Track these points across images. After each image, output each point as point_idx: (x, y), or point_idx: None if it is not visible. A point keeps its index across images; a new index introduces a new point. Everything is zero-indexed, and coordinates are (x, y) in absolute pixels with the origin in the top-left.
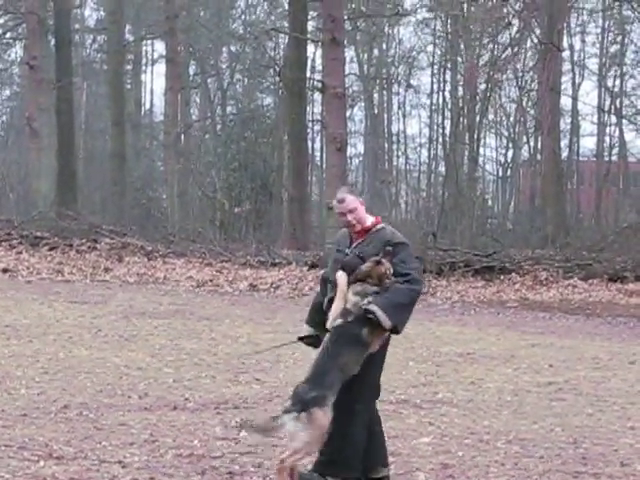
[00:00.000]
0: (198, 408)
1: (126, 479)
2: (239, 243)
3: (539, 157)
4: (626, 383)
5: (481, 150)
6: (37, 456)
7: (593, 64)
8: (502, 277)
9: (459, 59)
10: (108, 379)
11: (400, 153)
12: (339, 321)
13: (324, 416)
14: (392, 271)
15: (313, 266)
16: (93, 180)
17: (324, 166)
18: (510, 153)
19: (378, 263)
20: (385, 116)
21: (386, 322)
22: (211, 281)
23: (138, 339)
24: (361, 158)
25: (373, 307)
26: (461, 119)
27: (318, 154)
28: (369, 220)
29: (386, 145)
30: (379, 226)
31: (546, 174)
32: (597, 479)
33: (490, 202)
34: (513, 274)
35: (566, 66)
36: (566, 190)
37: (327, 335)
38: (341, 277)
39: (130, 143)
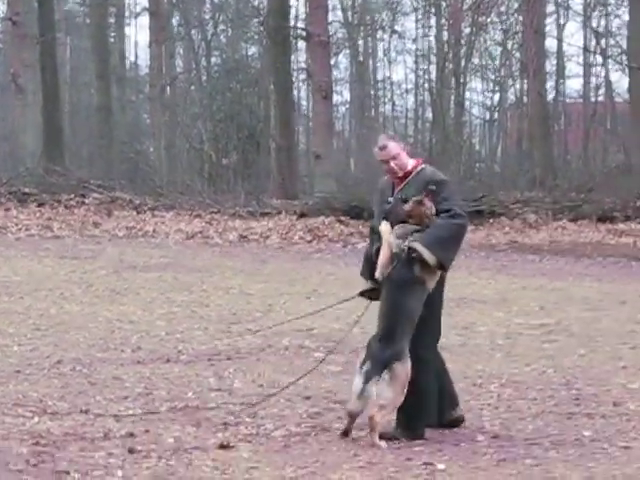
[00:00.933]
0: (191, 360)
1: (121, 433)
2: (228, 194)
3: (525, 100)
4: (617, 323)
5: (467, 94)
6: (31, 412)
7: (577, 5)
8: (491, 221)
9: (443, 3)
10: (100, 334)
11: (386, 100)
12: (389, 269)
13: (404, 369)
14: (434, 210)
15: (302, 215)
16: (79, 135)
17: (310, 115)
18: (496, 96)
19: (419, 203)
20: (370, 63)
21: (430, 258)
22: (201, 233)
23: (129, 293)
24: (347, 106)
25: (415, 244)
26: (446, 64)
27: (304, 103)
28: (410, 164)
29: (372, 92)
30: (419, 168)
31: (533, 117)
32: (590, 419)
33: (477, 146)
34: (502, 217)
35: (550, 7)
36: (553, 132)
37: (384, 286)
38: (385, 227)
39: (115, 96)
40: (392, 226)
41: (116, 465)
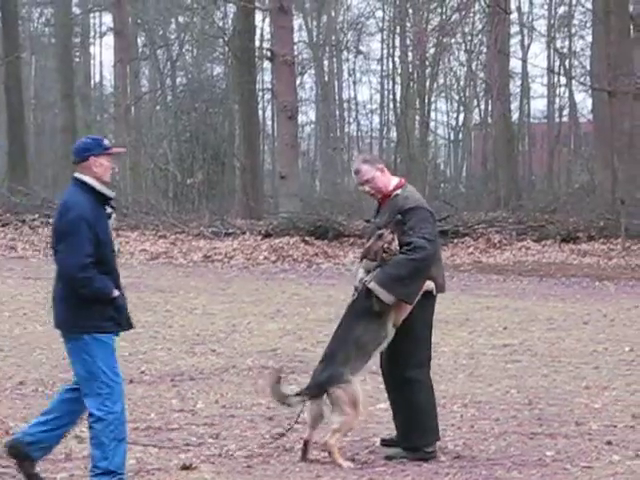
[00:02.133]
0: (154, 381)
1: (83, 454)
2: (192, 214)
3: (490, 120)
4: (580, 343)
5: (432, 114)
6: None
7: (542, 26)
8: (456, 241)
9: (408, 24)
10: (63, 354)
11: (351, 120)
12: (350, 298)
13: (345, 392)
14: (396, 243)
15: (267, 235)
16: (44, 155)
17: (276, 135)
18: (461, 117)
19: (378, 237)
20: (336, 83)
21: (387, 297)
22: (165, 253)
23: None
24: (313, 126)
25: (371, 284)
26: (411, 84)
27: (269, 123)
28: (391, 185)
29: (337, 112)
30: (394, 193)
31: (497, 137)
32: (553, 439)
33: (442, 166)
34: (467, 237)
35: (514, 28)
36: (518, 152)
37: (344, 312)
38: (357, 264)
39: (80, 116)
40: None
41: None
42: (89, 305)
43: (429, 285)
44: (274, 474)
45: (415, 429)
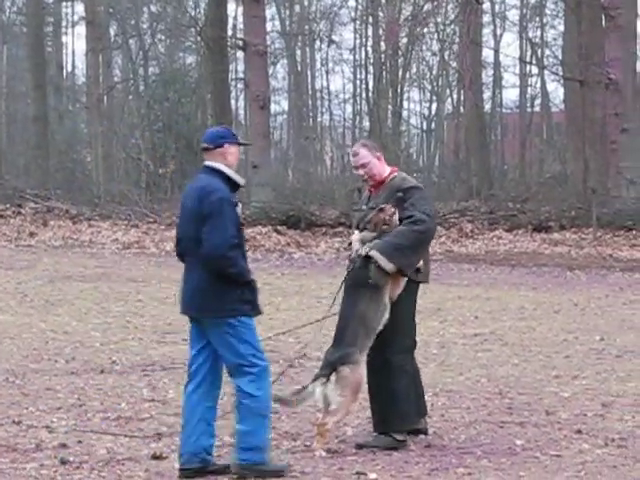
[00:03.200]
0: (125, 371)
1: (53, 444)
2: (165, 204)
3: (462, 110)
4: (551, 332)
5: (405, 104)
6: None
7: (514, 15)
8: None
9: (380, 14)
10: (34, 344)
11: (324, 109)
12: (346, 273)
13: (352, 373)
14: (396, 217)
15: None
16: (16, 144)
17: (248, 124)
18: (434, 106)
19: (380, 210)
20: (308, 73)
21: (387, 264)
22: (137, 243)
23: (64, 303)
24: (285, 115)
25: (372, 252)
26: (384, 74)
27: (242, 112)
28: (385, 172)
29: (310, 102)
30: (391, 176)
31: (469, 127)
32: (523, 428)
33: (415, 156)
34: (439, 227)
35: (487, 18)
36: (490, 142)
37: (343, 290)
38: (355, 236)
39: (52, 106)
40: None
41: (48, 476)
42: (232, 289)
43: (419, 263)
44: None
45: (392, 415)
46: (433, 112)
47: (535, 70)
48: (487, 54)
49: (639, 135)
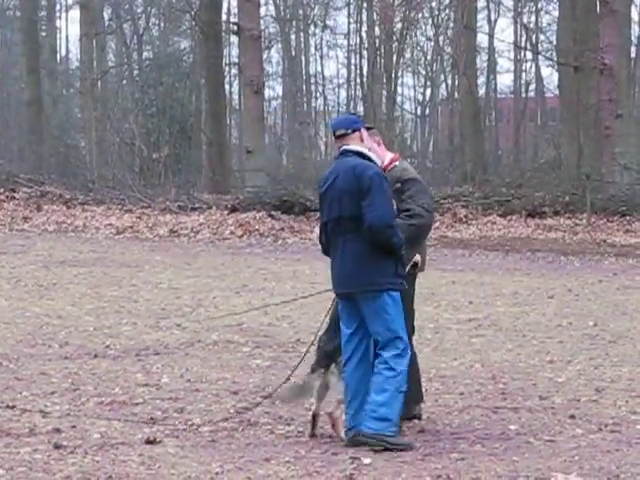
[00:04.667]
0: (119, 355)
1: (47, 428)
2: (159, 189)
3: (457, 95)
4: (545, 317)
5: (399, 89)
6: None
7: (508, 0)
8: None
9: None
10: (28, 329)
11: (318, 94)
12: None
13: None
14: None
15: (233, 210)
16: (10, 129)
17: (242, 109)
18: (428, 91)
19: None
20: (302, 57)
21: None
22: (131, 228)
23: (58, 288)
24: (279, 100)
25: None
26: (378, 59)
27: (236, 97)
28: (386, 158)
29: (304, 87)
30: (391, 165)
31: (463, 112)
32: (516, 413)
33: (409, 141)
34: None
35: (481, 3)
36: (484, 128)
37: None
38: None
39: (46, 90)
40: None
41: (42, 461)
42: (389, 264)
43: (416, 258)
44: (238, 448)
45: None
46: (427, 97)
47: (530, 55)
48: (481, 39)
49: (633, 121)
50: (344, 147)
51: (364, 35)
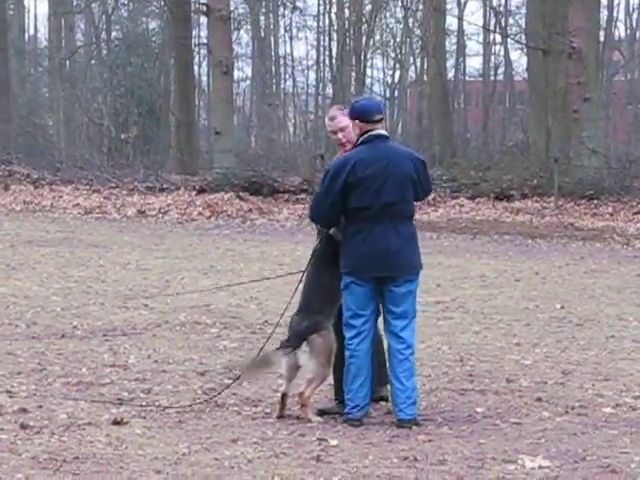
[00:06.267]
0: (86, 336)
1: (14, 408)
2: (127, 169)
3: (426, 78)
4: (512, 300)
5: (368, 71)
6: None
7: None
8: None
9: None
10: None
11: (287, 76)
12: (314, 246)
13: (324, 341)
14: None
15: (201, 191)
16: None
17: (211, 90)
18: (397, 74)
19: None
20: (272, 39)
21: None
22: (99, 208)
23: (25, 268)
24: (248, 82)
25: (332, 231)
26: (347, 41)
27: (205, 78)
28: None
29: (273, 68)
30: None
31: (432, 95)
32: (483, 395)
33: None
34: None
35: None
36: (453, 110)
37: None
38: None
39: (14, 70)
40: None
41: (8, 441)
42: (418, 247)
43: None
44: (205, 429)
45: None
46: (396, 79)
47: (498, 38)
48: (451, 22)
49: (601, 105)
50: (378, 132)
51: (334, 17)
